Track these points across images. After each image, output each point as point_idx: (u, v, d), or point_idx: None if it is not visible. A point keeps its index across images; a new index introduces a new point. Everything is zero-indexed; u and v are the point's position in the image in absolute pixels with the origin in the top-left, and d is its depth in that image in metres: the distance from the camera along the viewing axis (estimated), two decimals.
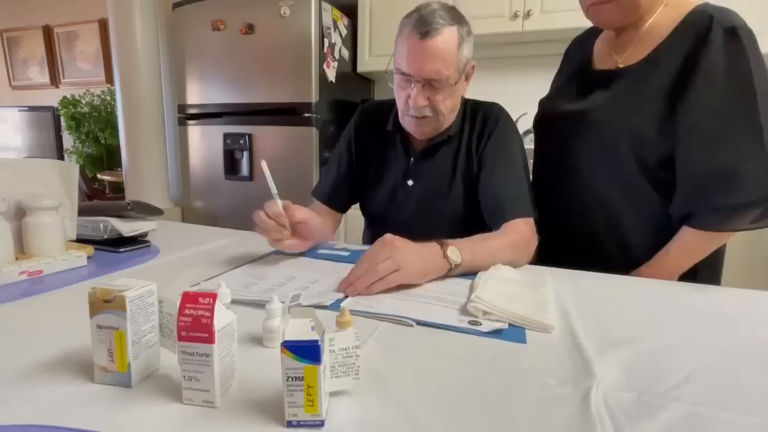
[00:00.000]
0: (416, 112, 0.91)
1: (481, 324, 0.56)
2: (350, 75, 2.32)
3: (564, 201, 0.93)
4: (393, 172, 1.05)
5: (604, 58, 0.92)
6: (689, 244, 0.79)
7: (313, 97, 2.04)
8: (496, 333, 0.54)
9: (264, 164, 0.79)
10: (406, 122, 0.96)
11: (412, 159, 1.02)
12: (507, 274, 0.76)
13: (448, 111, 0.93)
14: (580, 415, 0.38)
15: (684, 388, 0.43)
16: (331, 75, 2.14)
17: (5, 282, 0.68)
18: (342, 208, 1.11)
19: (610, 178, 0.85)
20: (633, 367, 0.47)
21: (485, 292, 0.62)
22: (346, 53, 2.29)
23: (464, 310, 0.60)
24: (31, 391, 0.40)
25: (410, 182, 1.02)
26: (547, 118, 1.00)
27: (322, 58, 2.07)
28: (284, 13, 2.02)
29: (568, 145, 0.91)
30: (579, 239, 0.91)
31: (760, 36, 0.74)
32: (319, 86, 2.06)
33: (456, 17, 0.87)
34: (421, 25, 0.83)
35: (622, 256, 0.85)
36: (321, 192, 1.10)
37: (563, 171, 0.93)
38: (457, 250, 0.73)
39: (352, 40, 2.37)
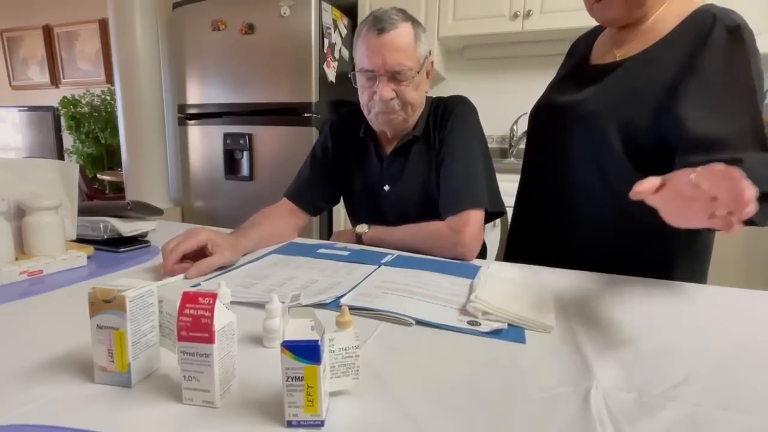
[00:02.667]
0: (384, 107, 0.93)
1: (480, 324, 0.56)
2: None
3: (553, 194, 0.93)
4: (369, 178, 1.06)
5: (603, 53, 0.92)
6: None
7: (313, 97, 2.04)
8: (495, 333, 0.54)
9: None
10: (375, 119, 0.98)
11: (384, 163, 1.04)
12: (507, 275, 0.76)
13: (415, 103, 0.96)
14: (580, 415, 0.38)
15: (684, 388, 0.43)
16: (331, 75, 2.14)
17: (5, 282, 0.68)
18: (312, 209, 1.09)
19: (597, 171, 0.85)
20: (633, 367, 0.47)
21: (485, 292, 0.62)
22: (346, 53, 2.29)
23: (464, 311, 0.60)
24: (31, 391, 0.40)
25: (386, 188, 1.04)
26: (540, 111, 1.01)
27: (322, 58, 2.07)
28: (284, 13, 2.02)
29: (558, 137, 0.91)
30: (567, 234, 0.91)
31: (760, 36, 0.74)
32: (319, 86, 2.06)
33: (409, 16, 0.93)
34: (377, 22, 0.89)
35: (598, 247, 0.85)
36: (291, 192, 1.10)
37: (552, 163, 0.93)
38: (366, 227, 0.99)
39: (351, 40, 2.37)
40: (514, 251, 1.05)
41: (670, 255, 0.81)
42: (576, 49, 1.05)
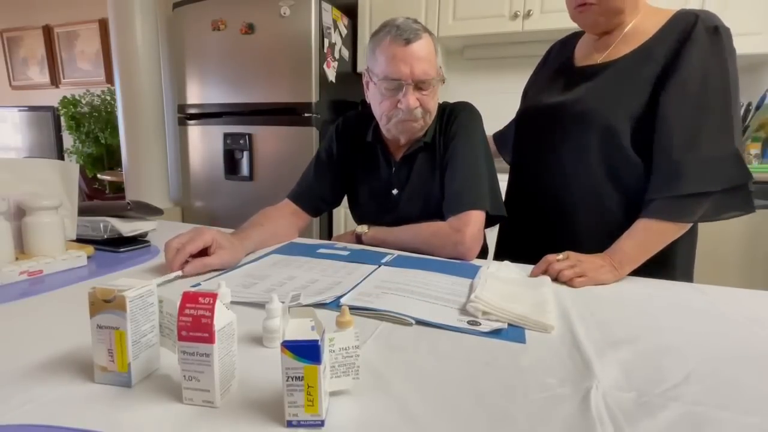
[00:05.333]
0: (408, 115, 0.94)
1: (480, 324, 0.56)
2: (350, 75, 2.32)
3: (548, 193, 0.95)
4: (377, 182, 1.07)
5: (586, 57, 0.95)
6: (641, 233, 0.80)
7: (313, 97, 2.05)
8: (495, 333, 0.54)
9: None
10: (394, 127, 0.98)
11: (393, 168, 1.05)
12: (507, 275, 0.76)
13: (434, 111, 0.99)
14: (580, 415, 0.38)
15: (684, 388, 0.43)
16: (331, 75, 2.14)
17: (5, 282, 0.68)
18: (313, 211, 1.11)
19: (602, 166, 0.86)
20: (633, 367, 0.47)
21: (485, 291, 0.62)
22: (346, 53, 2.29)
23: (464, 310, 0.60)
24: (31, 390, 0.40)
25: (395, 191, 1.05)
26: (528, 114, 1.03)
27: (322, 58, 2.07)
28: (284, 13, 2.02)
29: (552, 137, 0.92)
30: (565, 233, 0.92)
31: (760, 36, 0.75)
32: (319, 86, 2.06)
33: (425, 27, 0.94)
34: (402, 32, 0.90)
35: (602, 246, 0.85)
36: (294, 192, 1.11)
37: (547, 164, 0.94)
38: (366, 227, 1.02)
39: (352, 40, 2.38)
40: (505, 251, 1.05)
41: (672, 251, 0.81)
42: (556, 53, 1.07)
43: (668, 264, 0.84)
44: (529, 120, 1.03)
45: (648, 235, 0.79)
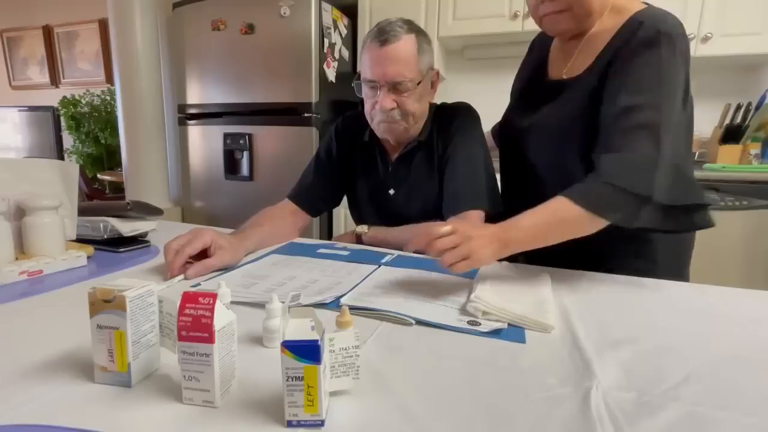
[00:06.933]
0: (385, 116, 0.94)
1: (480, 324, 0.56)
2: (350, 75, 2.32)
3: (531, 194, 0.94)
4: (374, 182, 1.08)
5: (554, 63, 0.95)
6: (549, 214, 0.72)
7: (313, 97, 2.04)
8: (495, 333, 0.54)
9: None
10: (377, 128, 0.99)
11: (389, 168, 1.06)
12: (507, 274, 0.76)
13: (417, 113, 0.97)
14: (580, 415, 0.38)
15: (684, 388, 0.43)
16: (331, 75, 2.14)
17: (5, 282, 0.68)
18: (313, 211, 1.11)
19: (575, 174, 0.83)
20: (633, 367, 0.47)
21: (485, 291, 0.62)
22: (346, 53, 2.29)
23: (464, 310, 0.60)
24: (31, 390, 0.40)
25: (391, 191, 1.05)
26: (505, 129, 1.04)
27: (322, 58, 2.07)
28: (284, 13, 2.02)
29: (525, 154, 0.93)
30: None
31: (760, 35, 0.74)
32: (319, 86, 2.06)
33: (414, 27, 0.94)
34: (380, 34, 0.90)
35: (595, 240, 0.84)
36: (293, 192, 1.11)
37: (524, 175, 0.94)
38: (366, 227, 1.03)
39: (352, 40, 2.37)
40: None
41: (650, 244, 0.81)
42: (535, 52, 1.06)
43: (645, 256, 0.83)
44: (505, 137, 1.03)
45: (555, 217, 0.72)
